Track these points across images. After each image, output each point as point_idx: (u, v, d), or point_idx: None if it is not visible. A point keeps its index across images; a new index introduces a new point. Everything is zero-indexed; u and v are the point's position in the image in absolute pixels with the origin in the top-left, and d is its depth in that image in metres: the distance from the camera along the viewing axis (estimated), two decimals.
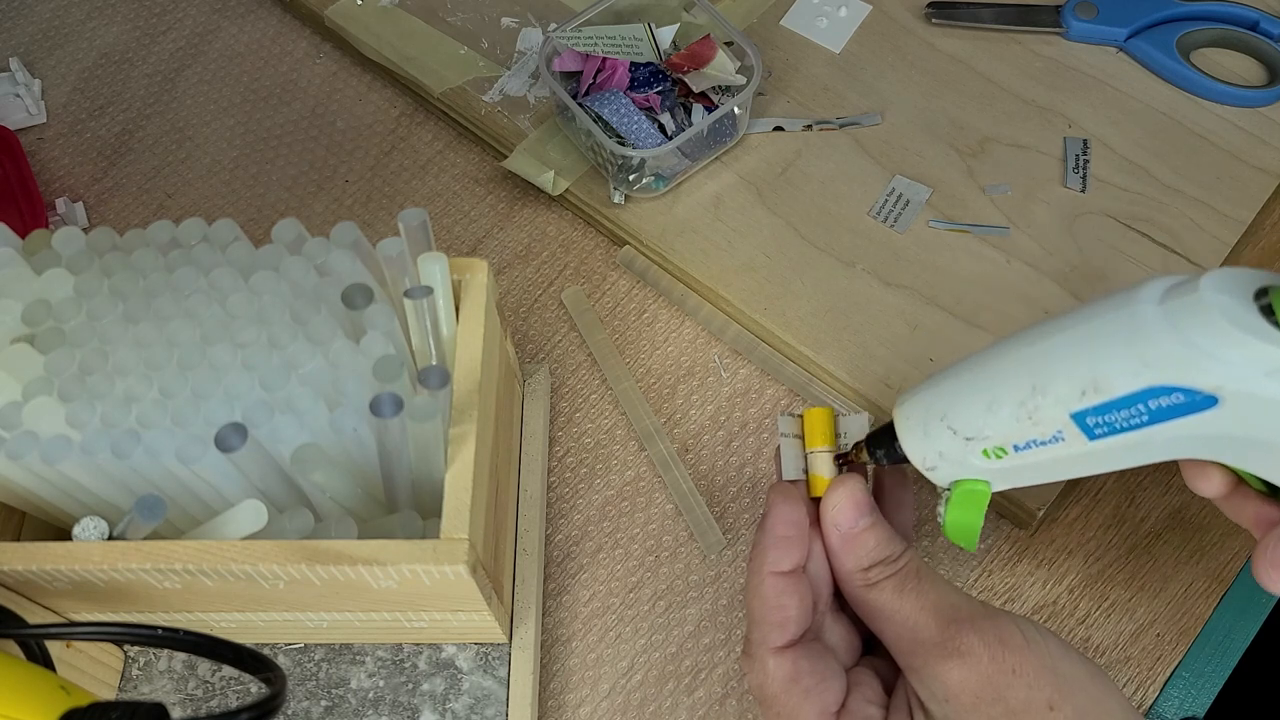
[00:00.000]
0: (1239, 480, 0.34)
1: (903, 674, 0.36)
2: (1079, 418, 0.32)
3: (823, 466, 0.38)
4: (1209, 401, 0.30)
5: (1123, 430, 0.31)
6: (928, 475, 0.36)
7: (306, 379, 0.35)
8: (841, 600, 0.38)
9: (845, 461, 0.38)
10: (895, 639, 0.35)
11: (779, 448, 0.40)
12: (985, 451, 0.34)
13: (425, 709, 0.43)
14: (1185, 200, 0.52)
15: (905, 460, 0.37)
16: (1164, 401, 0.30)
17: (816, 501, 0.38)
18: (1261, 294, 0.30)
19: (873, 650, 0.39)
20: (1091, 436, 0.32)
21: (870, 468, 0.40)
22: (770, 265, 0.52)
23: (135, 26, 0.63)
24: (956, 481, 0.36)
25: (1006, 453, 0.34)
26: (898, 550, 0.36)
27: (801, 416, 0.39)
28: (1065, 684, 0.32)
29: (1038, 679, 0.32)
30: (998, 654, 0.33)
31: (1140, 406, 0.31)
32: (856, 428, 0.39)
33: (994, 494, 0.46)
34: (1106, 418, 0.31)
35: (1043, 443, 0.33)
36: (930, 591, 0.35)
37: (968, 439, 0.34)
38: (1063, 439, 0.33)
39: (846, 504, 0.37)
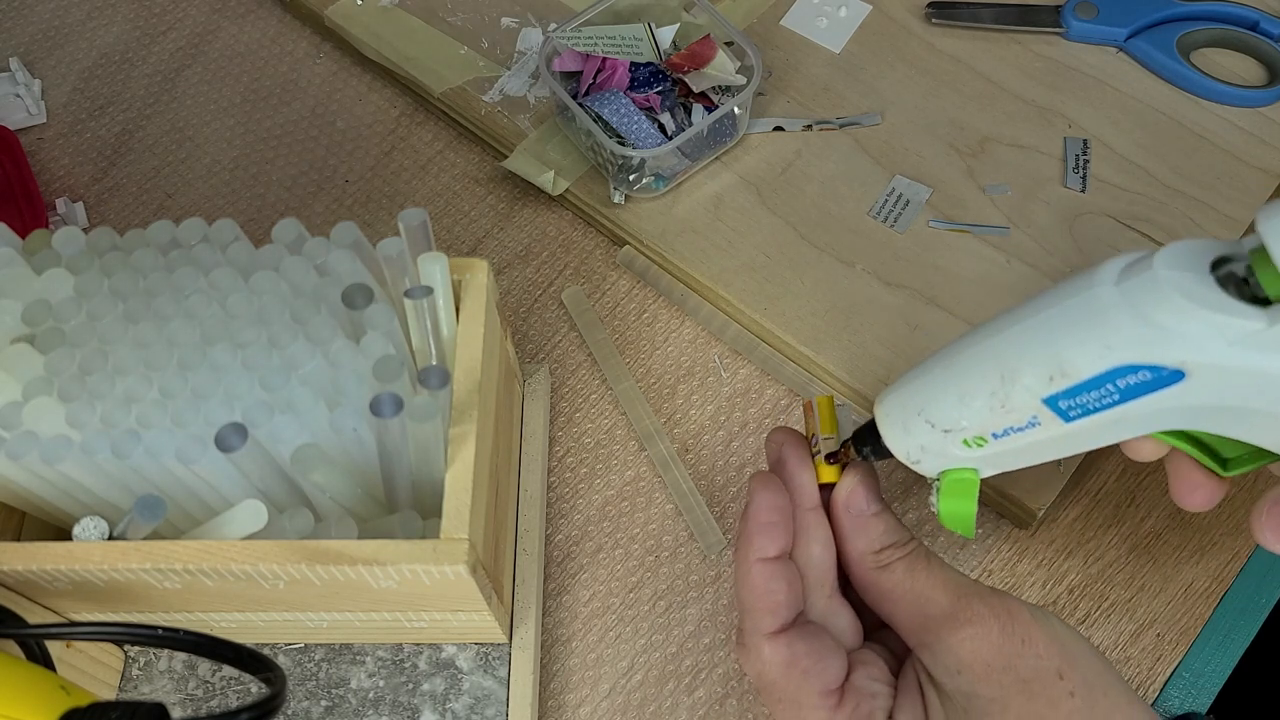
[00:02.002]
0: (1172, 447, 0.35)
1: (912, 654, 0.36)
2: (1050, 402, 0.32)
3: (829, 449, 0.39)
4: (1176, 376, 0.30)
5: (1096, 410, 0.32)
6: (914, 468, 0.37)
7: (306, 379, 0.35)
8: (844, 586, 0.39)
9: (834, 459, 0.39)
10: (906, 618, 0.36)
11: (768, 439, 0.40)
12: (965, 441, 0.34)
13: (425, 709, 0.43)
14: (1185, 200, 0.52)
15: (891, 456, 0.37)
16: (1132, 380, 0.30)
17: (822, 488, 0.38)
18: (1218, 264, 0.30)
19: (876, 638, 0.39)
20: (1066, 419, 0.32)
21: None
22: (770, 265, 0.52)
23: (135, 26, 0.63)
24: (945, 471, 0.36)
25: (986, 441, 0.34)
26: (906, 536, 0.37)
27: (809, 404, 0.40)
28: (1072, 655, 0.33)
29: (1047, 649, 0.33)
30: (1007, 624, 0.33)
31: (1109, 387, 0.31)
32: (842, 418, 0.39)
33: (994, 494, 0.47)
34: (1078, 400, 0.31)
35: (1020, 429, 0.33)
36: (939, 571, 0.36)
37: (946, 431, 0.34)
38: (1039, 423, 0.33)
39: (860, 488, 0.38)
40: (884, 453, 0.37)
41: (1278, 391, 0.29)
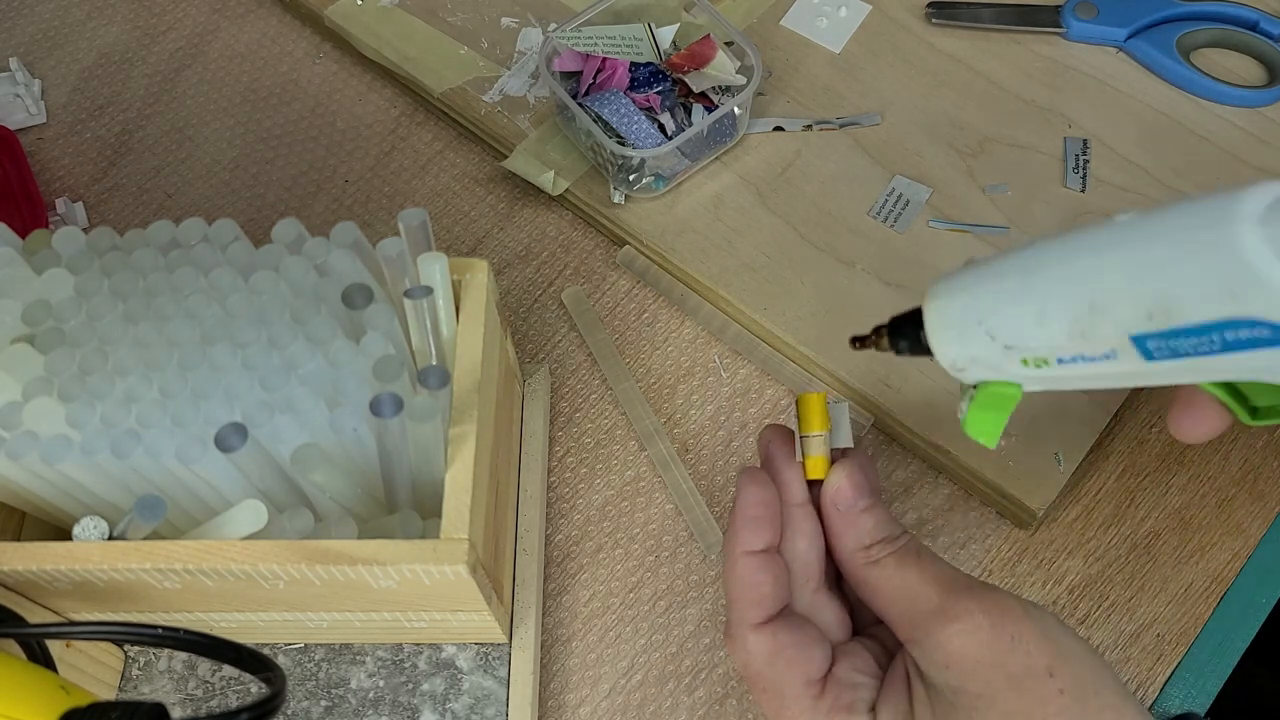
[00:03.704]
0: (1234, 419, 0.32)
1: (901, 649, 0.36)
2: (1139, 340, 0.28)
3: (817, 450, 0.39)
4: None
5: (1186, 355, 0.28)
6: (953, 375, 0.33)
7: (306, 379, 0.35)
8: (832, 581, 0.39)
9: (861, 344, 0.36)
10: (896, 613, 0.36)
11: (759, 435, 0.40)
12: (1025, 360, 0.31)
13: (425, 709, 0.43)
14: None
15: (929, 354, 0.34)
16: (1243, 334, 0.27)
17: (812, 484, 0.39)
18: None
19: (870, 634, 0.39)
20: (1149, 358, 0.29)
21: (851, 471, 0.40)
22: (770, 265, 0.52)
23: (135, 26, 0.63)
24: (984, 382, 0.33)
25: (1049, 364, 0.31)
26: (898, 530, 0.37)
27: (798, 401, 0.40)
28: (1064, 653, 0.33)
29: (1038, 647, 0.33)
30: (998, 621, 0.33)
31: (1214, 337, 0.27)
32: (838, 415, 0.39)
33: (994, 494, 0.47)
34: (1171, 343, 0.28)
35: (1092, 359, 0.30)
36: (930, 566, 0.36)
37: (1007, 347, 0.31)
38: (1115, 357, 0.29)
39: (846, 485, 0.38)
40: (921, 350, 0.34)
41: None
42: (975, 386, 0.34)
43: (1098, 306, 0.29)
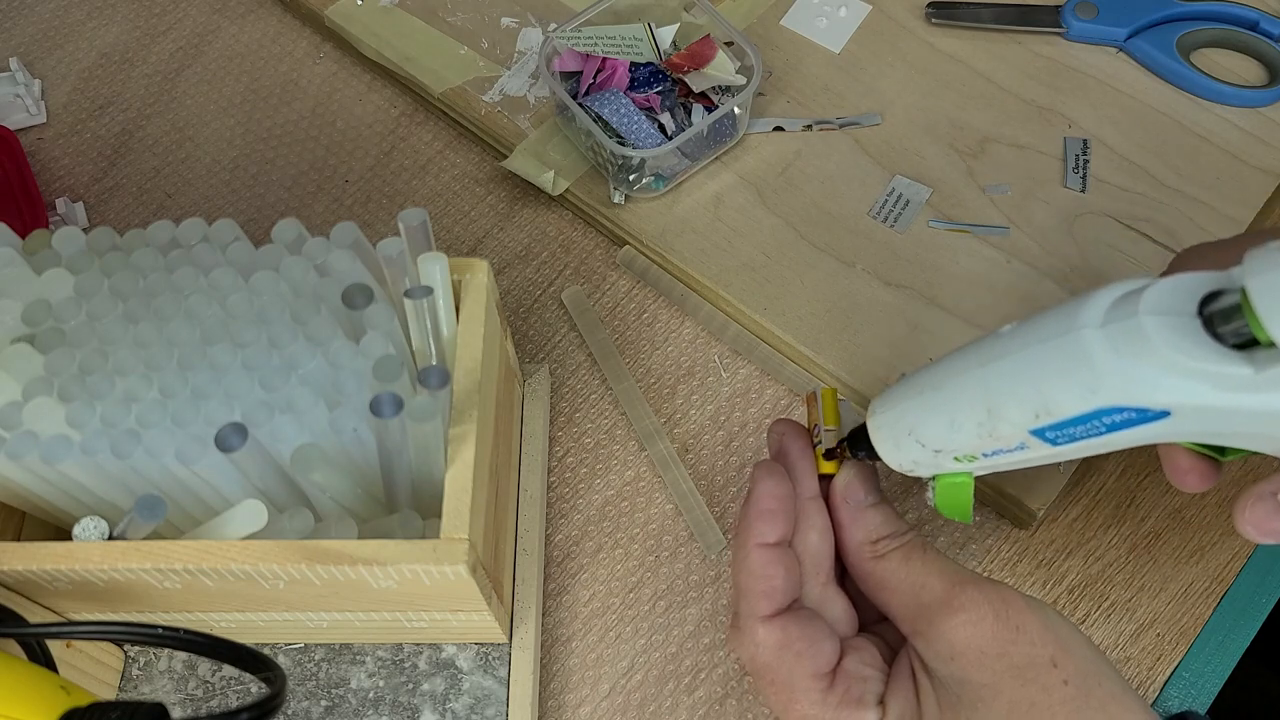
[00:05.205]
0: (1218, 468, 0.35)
1: (906, 643, 0.37)
2: (1038, 433, 0.32)
3: (831, 444, 0.40)
4: (1161, 414, 0.30)
5: (1083, 439, 0.32)
6: (910, 474, 0.37)
7: (306, 379, 0.35)
8: (840, 576, 0.39)
9: (830, 455, 0.39)
10: (901, 606, 0.36)
11: (770, 429, 0.41)
12: (956, 458, 0.35)
13: (425, 709, 0.43)
14: (1185, 200, 0.52)
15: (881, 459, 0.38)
16: (1117, 418, 0.30)
17: (822, 479, 0.39)
18: (1207, 301, 0.29)
19: (874, 631, 0.39)
20: (1054, 444, 0.33)
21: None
22: (770, 265, 0.52)
23: (135, 26, 0.63)
24: (938, 475, 0.37)
25: (977, 459, 0.35)
26: (903, 527, 0.38)
27: (812, 395, 0.41)
28: (1066, 645, 0.33)
29: (1041, 637, 0.33)
30: (1001, 612, 0.34)
31: (1095, 423, 0.31)
32: (843, 412, 0.40)
33: (994, 493, 0.47)
34: (1065, 432, 0.32)
35: (1008, 450, 0.34)
36: (935, 561, 0.36)
37: (936, 451, 0.35)
38: (1027, 447, 0.33)
39: (857, 479, 0.38)
40: (875, 456, 0.38)
41: (1264, 422, 0.29)
42: (933, 478, 0.37)
43: (994, 412, 0.33)
